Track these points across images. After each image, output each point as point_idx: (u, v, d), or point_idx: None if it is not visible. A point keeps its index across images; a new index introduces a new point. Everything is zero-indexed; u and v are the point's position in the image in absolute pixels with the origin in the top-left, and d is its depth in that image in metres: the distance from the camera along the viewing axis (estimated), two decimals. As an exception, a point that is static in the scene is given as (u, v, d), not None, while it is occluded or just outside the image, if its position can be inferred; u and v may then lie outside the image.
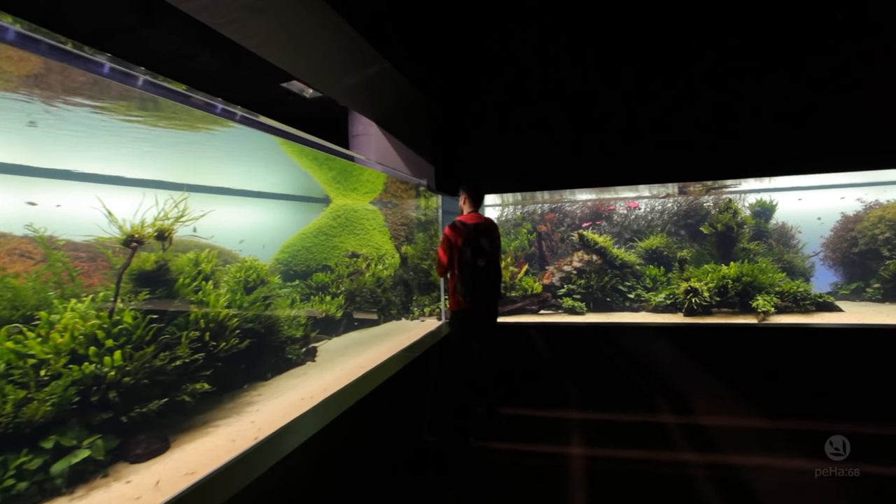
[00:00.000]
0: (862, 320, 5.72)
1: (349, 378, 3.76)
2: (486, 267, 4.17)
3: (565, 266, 7.21)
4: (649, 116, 5.32)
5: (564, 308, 6.73)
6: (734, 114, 5.10)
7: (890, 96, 4.75)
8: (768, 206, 7.90)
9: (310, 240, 5.53)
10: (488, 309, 4.35)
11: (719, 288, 6.14)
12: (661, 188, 7.64)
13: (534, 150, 5.61)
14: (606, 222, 8.32)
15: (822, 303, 6.14)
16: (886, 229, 7.02)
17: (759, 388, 5.23)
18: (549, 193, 8.61)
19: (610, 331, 5.74)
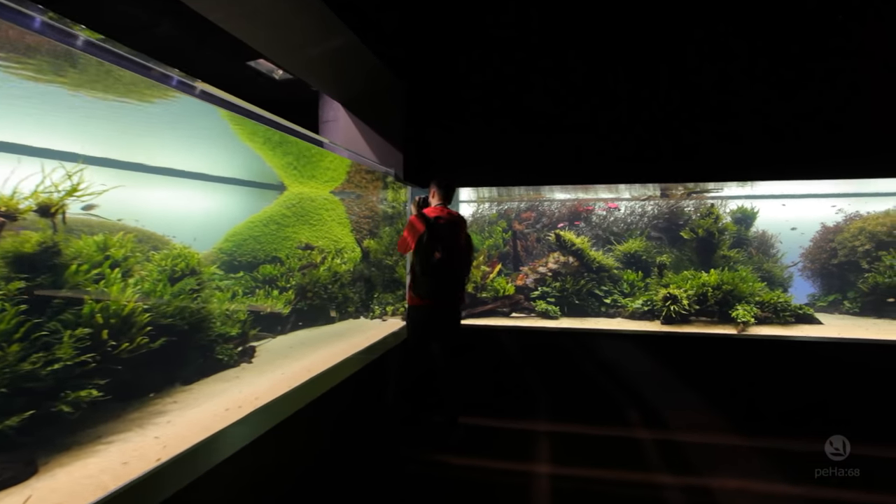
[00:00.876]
0: (842, 334, 5.54)
1: (290, 383, 3.32)
2: (445, 263, 3.82)
3: (540, 267, 6.88)
4: (630, 116, 5.01)
5: (538, 311, 6.40)
6: (717, 117, 4.85)
7: (875, 106, 4.55)
8: (749, 213, 7.74)
9: (259, 229, 5.04)
10: (448, 307, 3.99)
11: (699, 296, 5.90)
12: (641, 189, 7.40)
13: (510, 144, 5.24)
14: (585, 223, 8.04)
15: (802, 314, 5.96)
16: (867, 241, 6.91)
17: (738, 402, 4.99)
18: (527, 191, 8.29)
19: (584, 337, 5.43)
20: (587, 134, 5.09)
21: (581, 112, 5.10)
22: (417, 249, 3.86)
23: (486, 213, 8.43)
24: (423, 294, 3.87)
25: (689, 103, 4.91)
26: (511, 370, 5.45)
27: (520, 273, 7.02)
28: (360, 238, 6.01)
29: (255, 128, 4.58)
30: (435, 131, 5.42)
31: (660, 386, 5.16)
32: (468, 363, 5.26)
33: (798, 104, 4.71)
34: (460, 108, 5.36)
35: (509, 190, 8.15)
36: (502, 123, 5.25)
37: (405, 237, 4.00)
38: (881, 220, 6.93)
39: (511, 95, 5.23)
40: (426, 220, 3.93)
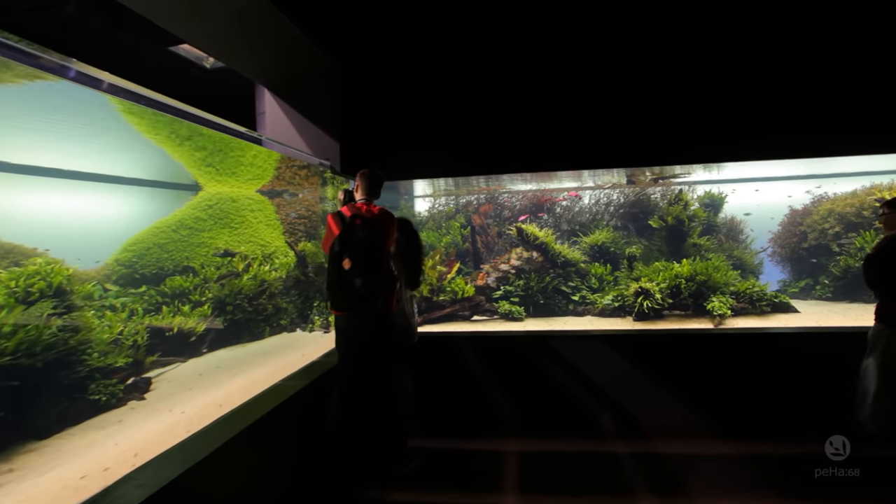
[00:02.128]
0: (820, 322, 5.28)
1: (189, 426, 2.67)
2: (358, 271, 3.26)
3: (502, 265, 6.39)
4: (593, 98, 4.54)
5: (500, 313, 5.90)
6: (679, 98, 4.45)
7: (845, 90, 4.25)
8: (717, 198, 7.48)
9: (166, 235, 4.30)
10: (371, 318, 3.43)
11: (672, 288, 5.53)
12: (606, 175, 7.00)
13: (463, 130, 4.69)
14: (549, 215, 7.60)
15: (779, 303, 5.68)
16: (836, 223, 6.74)
17: (720, 404, 4.62)
18: (487, 182, 7.79)
19: (552, 341, 4.95)
20: (546, 117, 4.60)
21: (539, 95, 4.60)
22: (331, 251, 3.31)
23: (443, 208, 7.88)
24: (338, 305, 3.32)
25: (652, 84, 4.48)
26: (472, 382, 4.92)
27: (480, 272, 6.50)
28: (294, 241, 5.33)
29: (157, 118, 3.87)
30: (377, 116, 4.81)
31: (637, 392, 4.73)
32: (421, 376, 4.71)
33: (760, 83, 4.36)
34: (405, 91, 4.77)
35: (467, 182, 7.63)
36: (454, 108, 4.69)
37: (326, 238, 3.44)
38: (849, 200, 6.77)
39: (463, 76, 4.68)
40: (341, 221, 3.38)
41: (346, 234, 3.33)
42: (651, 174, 6.73)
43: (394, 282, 3.60)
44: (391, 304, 3.57)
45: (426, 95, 4.72)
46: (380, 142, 4.82)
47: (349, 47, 4.79)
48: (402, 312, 3.90)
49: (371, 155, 4.83)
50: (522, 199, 7.49)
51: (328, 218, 3.47)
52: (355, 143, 4.80)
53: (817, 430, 3.96)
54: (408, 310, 3.99)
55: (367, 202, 3.59)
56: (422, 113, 4.74)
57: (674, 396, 4.70)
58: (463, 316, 5.86)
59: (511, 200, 7.56)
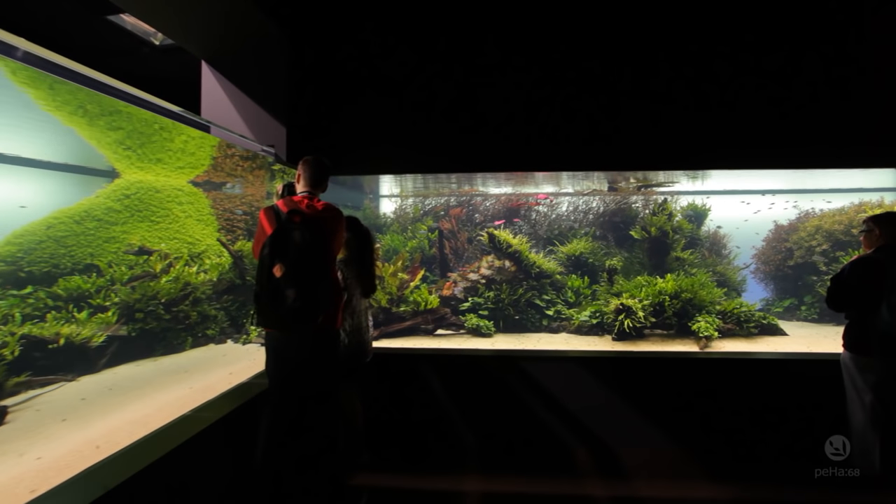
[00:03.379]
0: (811, 347, 4.92)
1: (41, 481, 2.02)
2: (295, 275, 2.70)
3: (471, 273, 5.86)
4: (574, 92, 4.08)
5: (468, 328, 5.36)
6: (659, 98, 4.03)
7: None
8: (700, 209, 7.15)
9: (65, 227, 3.59)
10: (309, 336, 2.87)
11: (655, 306, 5.10)
12: (586, 181, 6.58)
13: (433, 119, 4.15)
14: (524, 221, 7.13)
15: (767, 325, 5.32)
16: (823, 240, 6.47)
17: (709, 438, 4.18)
18: (458, 182, 7.28)
19: (523, 362, 4.44)
20: (524, 112, 4.10)
21: (520, 86, 4.10)
22: (259, 258, 2.74)
23: (411, 210, 7.32)
24: (267, 321, 2.75)
25: (636, 83, 4.05)
26: (432, 408, 4.35)
27: (447, 280, 5.96)
28: (232, 239, 4.68)
29: (57, 91, 3.21)
30: (337, 99, 4.22)
31: (617, 422, 4.25)
32: (374, 399, 4.13)
33: (743, 91, 3.98)
34: (373, 72, 4.20)
35: (437, 182, 7.10)
36: (428, 96, 4.15)
37: (256, 238, 2.87)
38: (837, 217, 6.51)
39: (437, 56, 4.14)
40: (275, 217, 2.82)
41: (279, 234, 2.76)
42: (635, 180, 6.33)
43: (339, 293, 3.03)
44: (336, 319, 3.00)
45: (399, 78, 4.16)
46: (339, 130, 4.24)
47: (303, 13, 4.20)
48: (356, 327, 3.36)
49: (327, 144, 4.24)
50: (496, 204, 7.00)
51: (260, 214, 2.90)
52: (309, 130, 4.20)
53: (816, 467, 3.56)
54: (362, 323, 3.43)
55: (309, 196, 3.03)
56: (392, 99, 4.17)
57: (658, 428, 4.24)
58: (425, 330, 5.29)
59: (483, 203, 7.06)
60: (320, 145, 4.21)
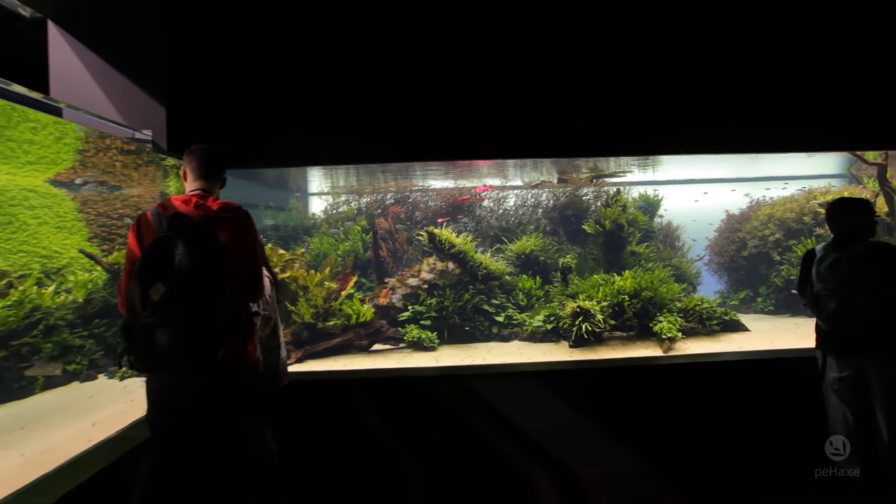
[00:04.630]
0: (774, 343, 4.65)
1: None
2: (179, 299, 2.02)
3: (411, 278, 5.23)
4: (514, 71, 3.52)
5: (408, 341, 4.73)
6: (611, 82, 3.57)
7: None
8: (653, 200, 6.86)
9: None
10: (201, 376, 2.22)
11: (614, 307, 4.66)
12: (533, 172, 6.11)
13: (353, 102, 3.47)
14: (469, 218, 6.57)
15: (729, 321, 5.02)
16: (776, 230, 6.31)
17: (681, 454, 3.78)
18: (396, 177, 6.62)
19: (471, 380, 3.87)
20: (459, 96, 3.50)
21: (456, 66, 3.50)
22: (128, 278, 2.05)
23: (344, 209, 6.59)
24: (143, 362, 2.05)
25: (578, 70, 3.55)
26: (366, 440, 3.70)
27: (384, 287, 5.30)
28: (108, 250, 3.81)
29: None
30: (226, 76, 3.45)
31: (580, 443, 3.77)
32: (293, 435, 3.43)
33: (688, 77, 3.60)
34: (270, 40, 3.45)
35: (372, 176, 6.43)
36: (344, 71, 3.46)
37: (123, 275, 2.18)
38: (789, 205, 6.37)
39: (359, 27, 3.45)
40: (158, 223, 2.14)
41: (157, 247, 2.07)
42: (587, 170, 5.92)
43: (245, 318, 2.35)
44: (245, 351, 2.33)
45: (321, 48, 3.43)
46: (233, 112, 3.47)
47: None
48: (267, 347, 2.83)
49: (219, 129, 3.46)
50: (438, 199, 6.40)
51: (134, 223, 2.19)
52: (204, 112, 3.40)
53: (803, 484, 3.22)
54: (272, 343, 2.85)
55: (201, 195, 2.33)
56: (293, 76, 3.45)
57: (625, 446, 3.79)
58: (359, 346, 4.61)
59: (424, 200, 6.44)
60: (219, 131, 3.44)
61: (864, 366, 2.88)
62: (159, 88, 3.28)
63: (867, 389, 2.90)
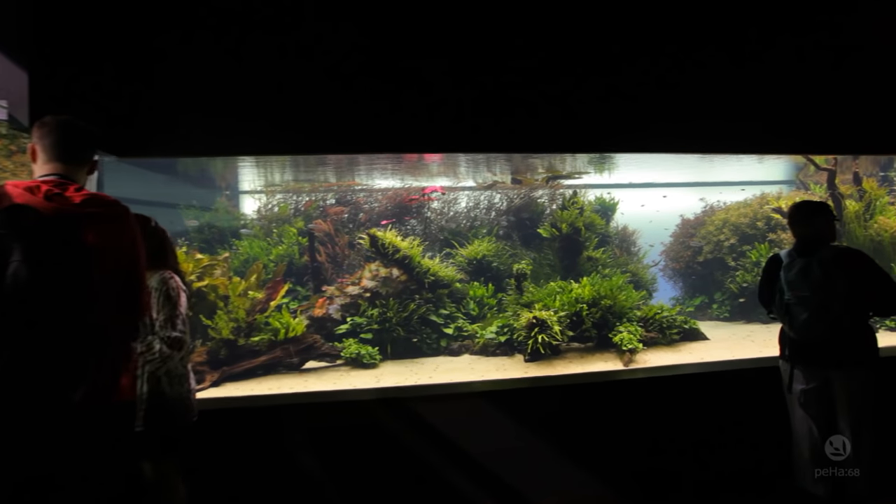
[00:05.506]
0: (733, 352, 4.45)
1: None
2: (30, 323, 1.50)
3: (351, 287, 4.72)
4: (463, 62, 3.12)
5: (346, 357, 4.22)
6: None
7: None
8: (608, 203, 6.66)
9: None
10: (64, 421, 1.68)
11: (572, 316, 4.34)
12: (486, 172, 5.75)
13: (286, 79, 2.94)
14: (418, 220, 6.13)
15: (689, 329, 4.81)
16: (731, 235, 6.23)
17: (650, 478, 3.48)
18: (337, 175, 6.09)
19: (416, 403, 3.41)
20: (407, 83, 3.05)
21: (401, 44, 3.04)
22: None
23: (278, 208, 5.99)
24: None
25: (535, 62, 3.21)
26: (295, 480, 3.17)
27: (321, 297, 4.76)
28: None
29: None
30: (114, 37, 2.84)
31: (540, 469, 3.40)
32: (206, 477, 2.85)
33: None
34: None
35: (311, 172, 5.86)
36: (268, 41, 2.92)
37: None
38: (742, 210, 6.31)
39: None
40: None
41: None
42: (543, 170, 5.61)
43: (119, 346, 1.82)
44: (117, 389, 1.79)
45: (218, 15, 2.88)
46: (144, 89, 2.87)
47: None
48: (172, 376, 2.43)
49: (122, 110, 2.85)
50: (383, 200, 5.92)
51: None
52: (81, 82, 2.78)
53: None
54: (178, 370, 2.48)
55: (57, 182, 1.78)
56: (205, 45, 2.90)
57: (588, 472, 3.45)
58: (289, 365, 4.05)
59: (367, 200, 5.94)
60: (102, 106, 2.82)
61: (830, 377, 2.82)
62: (15, 52, 2.64)
63: (832, 402, 2.86)
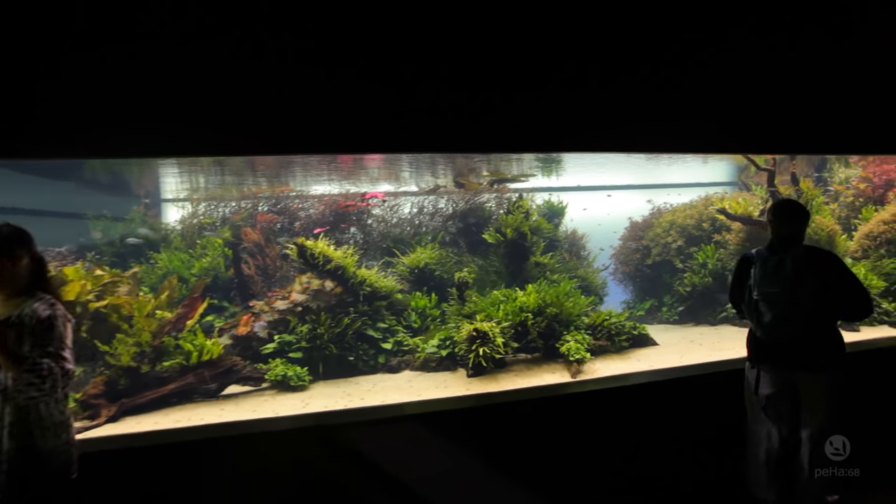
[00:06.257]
0: (683, 357, 4.33)
1: None
2: None
3: (279, 301, 4.33)
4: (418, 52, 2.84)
5: (271, 380, 3.82)
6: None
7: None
8: (556, 207, 6.52)
9: None
10: None
11: (516, 326, 4.10)
12: (428, 175, 5.49)
13: (217, 73, 2.54)
14: (358, 228, 5.78)
15: (638, 336, 4.68)
16: (678, 237, 6.19)
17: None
18: (269, 181, 5.68)
19: (347, 431, 3.07)
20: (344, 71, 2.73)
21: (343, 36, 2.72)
22: None
23: (203, 218, 5.51)
24: None
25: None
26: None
27: (246, 313, 4.34)
28: None
29: None
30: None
31: (487, 496, 3.12)
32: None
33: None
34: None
35: (241, 177, 5.44)
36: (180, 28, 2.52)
37: None
38: (689, 212, 6.30)
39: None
40: None
41: None
42: (488, 173, 5.39)
43: None
44: None
45: None
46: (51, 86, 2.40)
47: None
48: (46, 425, 2.10)
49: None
50: (320, 206, 5.55)
51: None
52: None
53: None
54: (55, 416, 2.14)
55: None
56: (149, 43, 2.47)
57: (534, 492, 3.20)
58: (205, 392, 3.62)
59: (302, 206, 5.56)
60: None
61: (795, 381, 2.82)
62: None
63: (795, 408, 2.85)
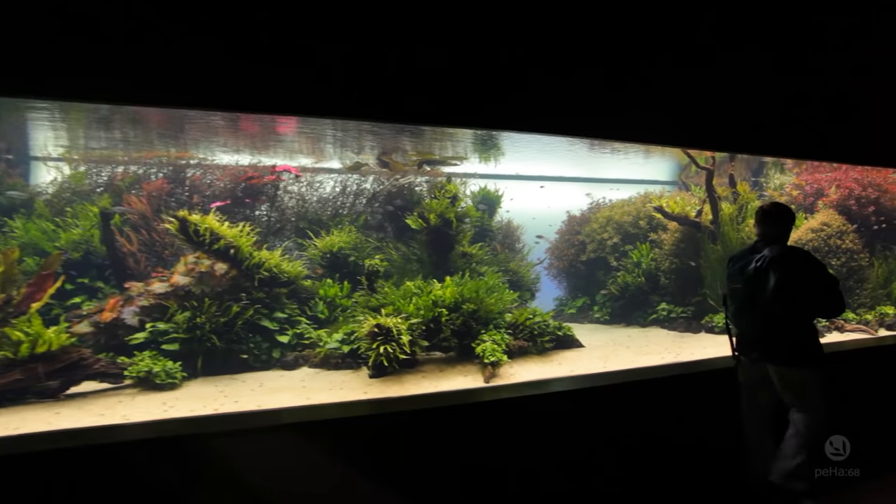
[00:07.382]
0: (608, 361, 4.09)
1: None
2: None
3: (157, 284, 3.73)
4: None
5: (134, 377, 3.25)
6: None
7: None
8: (493, 195, 6.16)
9: None
10: None
11: (428, 323, 3.69)
12: (347, 150, 4.97)
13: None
14: (270, 205, 5.20)
15: (563, 337, 4.39)
16: (614, 233, 5.98)
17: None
18: (166, 144, 4.98)
19: (219, 441, 2.56)
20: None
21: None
22: None
23: (83, 183, 4.75)
24: None
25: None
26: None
27: (115, 296, 3.71)
28: None
29: None
30: None
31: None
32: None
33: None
34: None
35: (129, 138, 4.73)
36: None
37: None
38: (626, 208, 6.10)
39: None
40: None
41: None
42: (415, 154, 4.93)
43: None
44: None
45: None
46: None
47: None
48: None
49: None
50: (223, 177, 4.92)
51: None
52: None
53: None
54: None
55: None
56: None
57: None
58: (41, 392, 3.00)
59: (202, 177, 4.91)
60: None
61: (768, 372, 2.81)
62: None
63: (775, 396, 2.85)
